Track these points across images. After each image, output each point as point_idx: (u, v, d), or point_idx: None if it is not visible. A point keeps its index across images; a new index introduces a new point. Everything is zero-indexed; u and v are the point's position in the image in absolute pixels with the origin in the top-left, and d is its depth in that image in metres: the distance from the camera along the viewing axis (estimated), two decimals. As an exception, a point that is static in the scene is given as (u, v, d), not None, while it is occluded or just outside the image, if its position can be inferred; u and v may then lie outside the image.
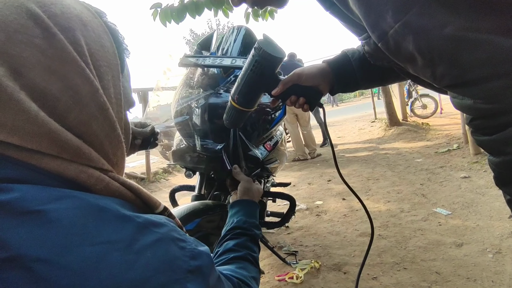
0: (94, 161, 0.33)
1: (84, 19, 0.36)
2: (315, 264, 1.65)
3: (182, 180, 4.50)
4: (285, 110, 1.13)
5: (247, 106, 0.80)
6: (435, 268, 1.49)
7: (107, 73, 0.37)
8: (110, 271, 0.28)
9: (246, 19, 3.32)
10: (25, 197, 0.28)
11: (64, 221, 0.28)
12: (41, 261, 0.26)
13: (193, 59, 1.05)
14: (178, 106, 1.07)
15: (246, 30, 1.23)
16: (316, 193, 3.02)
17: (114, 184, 0.34)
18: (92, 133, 0.34)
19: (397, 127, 5.40)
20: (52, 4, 0.33)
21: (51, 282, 0.26)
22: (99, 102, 0.34)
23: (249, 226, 0.74)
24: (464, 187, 2.46)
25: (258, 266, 0.67)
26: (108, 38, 0.38)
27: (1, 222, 0.26)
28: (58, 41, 0.31)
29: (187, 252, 0.35)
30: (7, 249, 0.25)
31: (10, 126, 0.28)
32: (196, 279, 0.34)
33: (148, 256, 0.30)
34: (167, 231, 0.34)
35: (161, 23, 2.64)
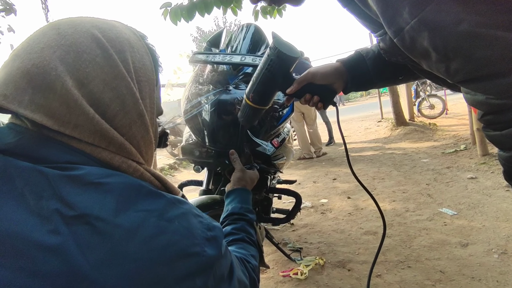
0: (133, 155, 0.42)
1: (132, 42, 0.45)
2: (320, 260, 1.67)
3: (188, 176, 4.54)
4: (293, 108, 1.15)
5: (262, 104, 0.82)
6: (440, 267, 1.49)
7: (146, 87, 0.45)
8: (148, 231, 0.36)
9: (255, 16, 3.33)
10: (89, 173, 0.36)
11: (115, 191, 0.37)
12: (100, 219, 0.34)
13: (203, 56, 1.07)
14: (188, 103, 1.09)
15: (255, 28, 1.24)
16: (321, 191, 3.03)
17: (147, 174, 0.43)
18: (132, 134, 0.43)
19: (403, 127, 5.37)
20: (109, 30, 0.43)
21: (107, 235, 0.34)
22: (139, 110, 0.43)
23: (244, 212, 0.79)
24: (471, 187, 2.45)
25: (256, 246, 0.73)
26: (148, 58, 0.47)
27: (71, 190, 0.35)
28: (113, 60, 0.41)
29: (204, 225, 0.42)
30: (76, 209, 0.34)
31: (73, 124, 0.37)
32: (212, 245, 0.41)
33: (176, 224, 0.38)
34: (189, 208, 0.42)
35: (171, 22, 2.67)
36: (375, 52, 0.76)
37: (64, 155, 0.37)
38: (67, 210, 0.34)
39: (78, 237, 0.33)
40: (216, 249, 0.42)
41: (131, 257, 0.34)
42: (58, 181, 0.35)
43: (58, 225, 0.33)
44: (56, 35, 0.39)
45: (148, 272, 0.34)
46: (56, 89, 0.36)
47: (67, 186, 0.35)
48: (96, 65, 0.39)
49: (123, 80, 0.41)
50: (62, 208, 0.34)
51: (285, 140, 1.25)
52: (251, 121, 0.88)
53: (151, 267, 0.35)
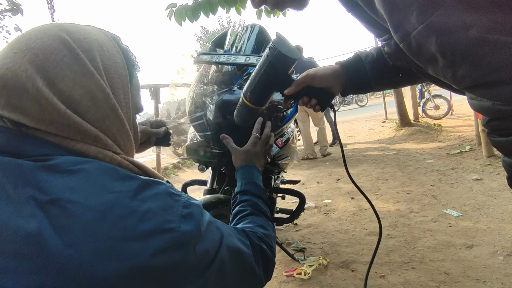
0: (109, 146, 0.45)
1: (101, 42, 0.48)
2: (323, 261, 1.67)
3: (192, 176, 4.55)
4: (297, 108, 1.15)
5: (259, 104, 0.81)
6: (444, 269, 1.49)
7: (118, 83, 0.48)
8: (120, 211, 0.39)
9: (258, 15, 3.33)
10: (63, 161, 0.40)
11: (89, 176, 0.40)
12: (72, 202, 0.37)
13: (207, 57, 1.08)
14: (192, 103, 1.10)
15: (260, 28, 1.25)
16: (325, 192, 3.02)
17: (125, 162, 0.46)
18: (106, 127, 0.45)
19: (408, 128, 5.34)
20: (77, 32, 0.46)
21: (80, 216, 0.37)
22: (111, 104, 0.46)
23: (246, 187, 0.78)
24: (476, 189, 2.43)
25: (265, 214, 0.73)
26: (120, 56, 0.50)
27: (45, 177, 0.38)
28: (80, 59, 0.43)
29: (180, 203, 0.45)
30: (49, 194, 0.37)
31: (48, 120, 0.41)
32: (188, 221, 0.44)
33: (149, 204, 0.41)
34: (165, 188, 0.45)
35: (176, 22, 2.68)
36: (374, 55, 0.76)
37: (41, 149, 0.41)
38: (42, 195, 0.37)
39: (52, 220, 0.36)
40: (193, 225, 0.44)
41: (104, 235, 0.37)
42: (33, 170, 0.38)
43: (33, 210, 0.36)
44: (27, 40, 0.42)
45: (122, 248, 0.37)
46: (28, 90, 0.40)
47: (41, 174, 0.38)
48: (65, 65, 0.42)
49: (91, 77, 0.44)
50: (36, 194, 0.37)
51: (289, 140, 1.26)
52: (247, 121, 0.87)
53: (124, 243, 0.38)
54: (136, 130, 0.54)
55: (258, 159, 0.88)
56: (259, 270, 0.58)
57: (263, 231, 0.64)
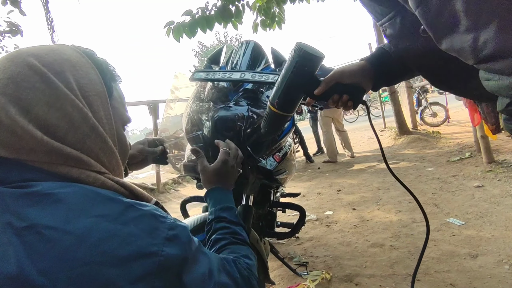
0: (93, 166, 0.44)
1: (73, 61, 0.46)
2: (326, 275, 1.64)
3: (192, 191, 4.52)
4: (293, 122, 1.15)
5: (287, 111, 0.79)
6: (450, 280, 1.46)
7: (96, 100, 0.47)
8: (100, 235, 0.37)
9: (255, 29, 3.39)
10: (43, 187, 0.39)
11: (68, 200, 0.39)
12: (49, 228, 0.36)
13: (203, 74, 1.08)
14: (189, 120, 1.10)
15: (255, 44, 1.26)
16: (326, 203, 3.00)
17: (109, 182, 0.45)
18: (87, 147, 0.44)
19: (407, 136, 5.34)
20: (46, 54, 0.44)
21: (56, 242, 0.36)
22: (90, 123, 0.45)
23: (219, 214, 0.72)
24: (478, 196, 2.41)
25: (246, 242, 0.68)
26: (95, 72, 0.49)
27: (24, 204, 0.38)
28: (52, 82, 0.42)
29: (166, 225, 0.43)
30: (26, 220, 0.37)
31: (27, 149, 0.40)
32: (173, 245, 0.42)
33: (131, 227, 0.40)
34: (150, 209, 0.43)
35: (174, 39, 2.72)
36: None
37: (22, 175, 0.40)
38: (19, 222, 0.36)
39: (27, 246, 0.35)
40: (178, 248, 0.42)
41: (80, 261, 0.35)
42: (13, 197, 0.38)
43: (10, 237, 0.36)
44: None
45: (98, 275, 0.36)
46: (2, 120, 0.39)
47: (21, 201, 0.38)
48: (37, 90, 0.41)
49: (66, 99, 0.43)
50: (14, 220, 0.36)
51: (287, 154, 1.25)
52: (275, 130, 0.84)
53: (102, 270, 0.36)
54: (124, 143, 0.53)
55: (229, 179, 0.81)
56: None
57: (248, 262, 0.62)
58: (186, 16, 2.79)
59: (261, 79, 1.04)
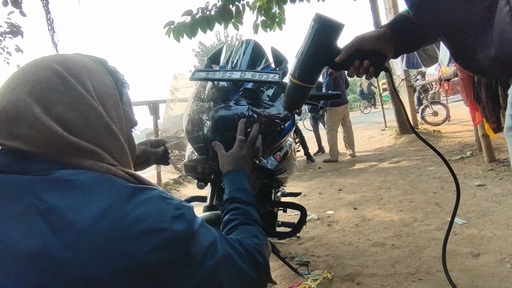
0: (106, 159, 0.50)
1: (89, 67, 0.52)
2: (328, 274, 1.63)
3: (193, 191, 4.52)
4: (294, 122, 1.15)
5: (309, 82, 0.77)
6: (452, 279, 1.45)
7: (108, 101, 0.52)
8: (115, 214, 0.42)
9: (255, 30, 3.39)
10: (62, 174, 0.44)
11: (84, 185, 0.44)
12: (69, 209, 0.41)
13: (203, 74, 1.08)
14: (189, 120, 1.10)
15: (255, 44, 1.26)
16: (327, 203, 2.99)
17: (120, 172, 0.50)
18: (101, 143, 0.49)
19: (408, 135, 5.34)
20: (66, 61, 0.50)
21: (76, 221, 0.40)
22: (104, 121, 0.50)
23: (234, 194, 0.77)
24: (479, 195, 2.41)
25: (257, 222, 0.72)
26: (108, 77, 0.55)
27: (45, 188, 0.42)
28: (71, 85, 0.48)
29: (172, 205, 0.48)
30: (48, 202, 0.41)
31: (48, 143, 0.45)
32: (180, 222, 0.46)
33: (141, 207, 0.44)
34: (157, 193, 0.48)
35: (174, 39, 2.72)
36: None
37: (41, 165, 0.45)
38: (41, 204, 0.41)
39: (51, 224, 0.39)
40: (185, 225, 0.47)
41: (100, 236, 0.40)
42: (34, 184, 0.42)
43: (34, 217, 0.40)
44: (23, 75, 0.47)
45: (117, 247, 0.40)
46: (27, 118, 0.44)
47: (42, 187, 0.42)
48: (58, 92, 0.47)
49: (83, 99, 0.48)
50: (36, 202, 0.41)
51: (288, 154, 1.25)
52: (298, 103, 0.83)
53: (119, 243, 0.40)
54: (132, 143, 0.58)
55: (245, 163, 0.87)
56: (255, 276, 0.59)
57: (256, 241, 0.65)
58: (187, 16, 2.79)
59: (261, 78, 1.04)
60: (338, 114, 4.92)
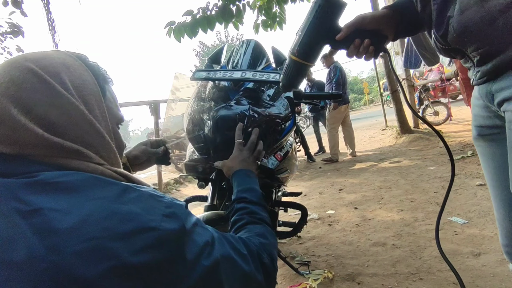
0: (92, 158, 0.48)
1: (67, 64, 0.50)
2: (328, 274, 1.64)
3: (194, 191, 4.53)
4: (295, 121, 1.15)
5: (308, 59, 0.77)
6: (452, 279, 1.45)
7: (91, 99, 0.51)
8: (102, 214, 0.40)
9: (256, 30, 3.39)
10: (45, 176, 0.42)
11: (69, 186, 0.42)
12: (54, 210, 0.39)
13: (204, 73, 1.08)
14: (190, 120, 1.10)
15: (255, 43, 1.26)
16: (328, 203, 2.99)
17: (107, 171, 0.48)
18: (86, 142, 0.48)
19: (408, 135, 5.33)
20: (42, 59, 0.48)
21: (62, 222, 0.38)
22: (87, 120, 0.48)
23: (241, 194, 0.76)
24: (480, 195, 2.40)
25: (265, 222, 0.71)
26: (88, 74, 0.52)
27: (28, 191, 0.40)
28: (49, 83, 0.46)
29: (163, 203, 0.46)
30: (31, 205, 0.39)
31: (29, 144, 0.43)
32: (170, 220, 0.45)
33: (129, 206, 0.43)
34: (147, 190, 0.47)
35: (175, 39, 2.72)
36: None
37: (25, 167, 0.43)
38: (24, 206, 0.39)
39: (34, 227, 0.38)
40: (176, 223, 0.45)
41: (85, 237, 0.38)
42: (17, 187, 0.41)
43: (16, 220, 0.38)
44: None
45: (103, 249, 0.38)
46: (4, 120, 0.42)
47: (24, 190, 0.41)
48: (36, 92, 0.45)
49: (63, 98, 0.46)
50: (19, 205, 0.39)
51: (288, 153, 1.25)
52: (296, 81, 0.82)
53: (106, 243, 0.39)
54: (119, 139, 0.57)
55: (247, 164, 0.87)
56: (260, 278, 0.57)
57: (262, 240, 0.63)
58: (187, 16, 2.79)
59: (262, 78, 1.04)
60: (340, 113, 4.91)
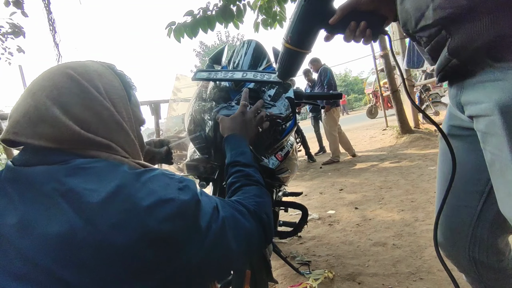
0: (120, 152, 0.56)
1: (100, 71, 0.58)
2: (329, 274, 1.64)
3: (194, 191, 4.52)
4: (295, 121, 1.15)
5: (302, 46, 0.73)
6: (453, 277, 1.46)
7: (119, 102, 0.58)
8: (127, 192, 0.47)
9: (256, 28, 3.39)
10: (79, 162, 0.50)
11: (98, 170, 0.49)
12: (87, 189, 0.46)
13: (205, 74, 1.09)
14: (191, 120, 1.10)
15: (256, 44, 1.26)
16: (328, 203, 3.00)
17: (131, 162, 0.56)
18: (115, 139, 0.56)
19: (409, 135, 5.33)
20: (79, 67, 0.56)
21: (94, 198, 0.45)
22: (116, 119, 0.56)
23: (235, 158, 0.79)
24: (481, 195, 2.40)
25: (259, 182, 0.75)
26: (117, 81, 0.60)
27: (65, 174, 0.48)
28: (85, 88, 0.54)
29: (176, 180, 0.53)
30: (67, 185, 0.46)
31: (67, 140, 0.51)
32: (185, 192, 0.52)
33: (149, 185, 0.50)
34: (160, 171, 0.54)
35: (175, 39, 2.72)
36: None
37: (61, 157, 0.51)
38: (61, 186, 0.46)
39: (72, 203, 0.45)
40: (190, 194, 0.52)
41: (115, 211, 0.45)
42: (56, 171, 0.48)
43: (56, 198, 0.45)
44: (41, 81, 0.53)
45: (132, 220, 0.45)
46: (48, 119, 0.50)
47: (62, 172, 0.48)
48: (74, 95, 0.53)
49: (96, 100, 0.54)
50: (57, 186, 0.46)
51: (289, 153, 1.25)
52: (291, 70, 0.79)
53: (133, 215, 0.45)
54: (141, 139, 0.65)
55: (246, 129, 0.87)
56: (261, 233, 0.64)
57: (258, 200, 0.68)
58: (188, 16, 2.79)
59: (263, 78, 1.04)
60: (335, 115, 4.90)
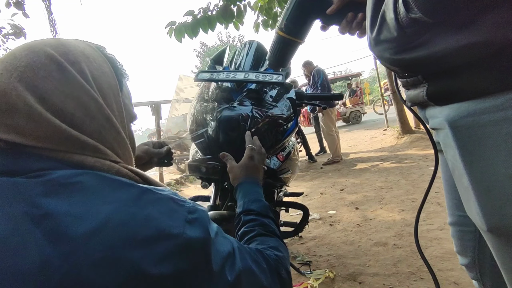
0: (108, 155, 0.45)
1: (87, 53, 0.47)
2: (330, 274, 1.64)
3: (195, 191, 4.54)
4: (297, 122, 1.16)
5: (297, 35, 0.71)
6: (453, 278, 1.46)
7: (109, 93, 0.47)
8: (119, 220, 0.37)
9: (256, 29, 3.40)
10: (59, 176, 0.39)
11: (84, 188, 0.38)
12: (69, 215, 0.36)
13: (207, 75, 1.10)
14: (193, 120, 1.11)
15: (258, 45, 1.27)
16: (329, 203, 3.00)
17: (123, 170, 0.45)
18: (103, 138, 0.45)
19: (409, 135, 5.33)
20: (62, 45, 0.45)
21: (77, 228, 0.35)
22: (105, 114, 0.45)
23: (248, 206, 0.72)
24: (481, 195, 2.40)
25: (276, 235, 0.66)
26: (107, 66, 0.49)
27: (40, 193, 0.37)
28: (68, 72, 0.43)
29: (185, 208, 0.43)
30: (44, 208, 0.36)
31: (44, 135, 0.40)
32: (194, 228, 0.41)
33: (149, 209, 0.39)
34: (168, 193, 0.43)
35: (176, 39, 2.73)
36: None
37: (36, 164, 0.40)
38: (35, 210, 0.36)
39: (47, 233, 0.35)
40: (200, 231, 0.42)
41: (102, 245, 0.35)
42: (28, 187, 0.37)
43: (28, 226, 0.35)
44: (12, 59, 0.41)
45: (122, 258, 0.35)
46: (19, 108, 0.39)
47: (35, 190, 0.37)
48: (53, 79, 0.41)
49: (82, 89, 0.43)
50: (30, 209, 0.36)
51: (290, 154, 1.26)
52: (283, 59, 0.76)
53: (124, 252, 0.35)
54: (132, 138, 0.54)
55: (257, 173, 0.83)
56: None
57: (277, 253, 0.59)
58: (188, 16, 2.80)
59: (265, 79, 1.05)
60: (332, 115, 4.93)
